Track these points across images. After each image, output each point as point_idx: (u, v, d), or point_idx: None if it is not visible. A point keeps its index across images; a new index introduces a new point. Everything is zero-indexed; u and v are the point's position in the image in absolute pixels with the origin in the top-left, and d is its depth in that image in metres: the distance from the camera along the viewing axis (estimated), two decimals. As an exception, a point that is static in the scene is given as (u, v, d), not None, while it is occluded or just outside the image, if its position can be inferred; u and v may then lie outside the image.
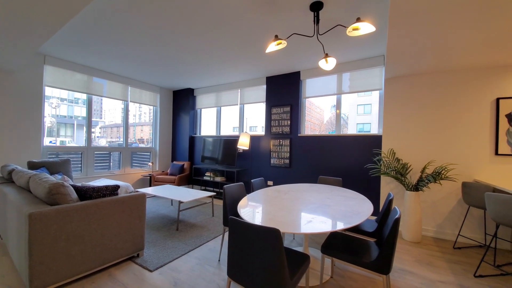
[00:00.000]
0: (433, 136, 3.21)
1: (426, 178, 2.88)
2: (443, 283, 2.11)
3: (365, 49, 3.41)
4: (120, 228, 2.19)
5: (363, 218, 1.64)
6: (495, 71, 2.90)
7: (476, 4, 1.71)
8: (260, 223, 1.51)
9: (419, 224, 2.96)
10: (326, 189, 2.75)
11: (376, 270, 1.48)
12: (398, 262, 2.46)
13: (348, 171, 3.91)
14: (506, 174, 2.84)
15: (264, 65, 4.18)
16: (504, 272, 2.30)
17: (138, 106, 5.94)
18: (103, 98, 5.07)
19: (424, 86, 3.27)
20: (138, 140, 6.24)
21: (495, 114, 2.89)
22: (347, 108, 10.81)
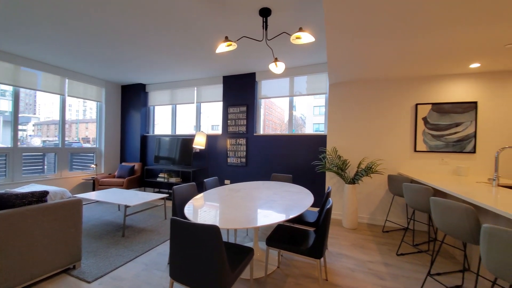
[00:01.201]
0: (367, 136, 3.67)
1: (360, 172, 3.29)
2: (372, 262, 2.45)
3: (312, 56, 3.70)
4: (51, 239, 1.96)
5: (301, 210, 1.80)
6: (414, 81, 3.47)
7: (395, 26, 2.04)
8: (205, 222, 1.53)
9: (355, 213, 3.37)
10: (276, 185, 2.91)
11: (310, 256, 1.65)
12: (336, 247, 2.76)
13: (299, 168, 4.19)
14: (422, 167, 3.43)
15: (219, 65, 4.18)
16: (420, 250, 2.78)
17: (82, 101, 5.30)
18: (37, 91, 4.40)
19: (360, 92, 3.71)
20: (82, 140, 5.56)
21: (414, 117, 3.46)
22: (305, 109, 11.52)
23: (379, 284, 2.06)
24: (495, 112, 3.13)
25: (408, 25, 2.03)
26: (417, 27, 2.07)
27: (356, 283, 2.07)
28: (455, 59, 2.77)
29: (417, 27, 2.07)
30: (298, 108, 4.73)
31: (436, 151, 3.32)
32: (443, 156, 3.31)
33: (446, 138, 3.27)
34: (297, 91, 4.32)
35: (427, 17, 1.91)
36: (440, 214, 1.72)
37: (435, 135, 3.31)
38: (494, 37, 2.20)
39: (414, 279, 2.15)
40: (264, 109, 5.35)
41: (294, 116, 4.58)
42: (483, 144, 3.17)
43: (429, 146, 3.34)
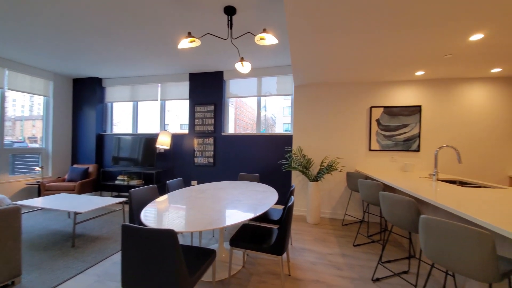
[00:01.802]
0: (329, 135, 3.89)
1: (322, 170, 3.48)
2: (331, 254, 2.61)
3: (281, 58, 3.78)
4: (-24, 255, 1.67)
5: (265, 209, 1.83)
6: (369, 86, 3.77)
7: (352, 35, 2.18)
8: (164, 226, 1.46)
9: (318, 208, 3.55)
10: (242, 185, 2.92)
11: (272, 253, 1.69)
12: (300, 243, 2.87)
13: (266, 167, 4.26)
14: (376, 164, 3.75)
15: (185, 61, 4.02)
16: (373, 240, 3.03)
17: (29, 95, 4.63)
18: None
19: (323, 94, 3.92)
20: (28, 139, 4.86)
21: (369, 119, 3.76)
22: (275, 109, 11.77)
23: (337, 275, 2.19)
24: (436, 115, 3.57)
25: (363, 34, 2.20)
26: (371, 37, 2.25)
27: (316, 275, 2.17)
28: (403, 67, 3.09)
29: (371, 38, 2.26)
30: (268, 108, 4.80)
31: (387, 150, 3.67)
32: (393, 154, 3.68)
33: (395, 138, 3.64)
34: (267, 92, 4.38)
35: (378, 28, 2.09)
36: (387, 206, 1.90)
37: (386, 135, 3.66)
38: (435, 48, 2.51)
39: (367, 267, 2.34)
40: (236, 109, 5.31)
41: (265, 116, 4.65)
42: (426, 143, 3.60)
43: (381, 145, 3.68)
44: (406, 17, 1.92)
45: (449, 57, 2.70)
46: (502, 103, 3.39)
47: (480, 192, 1.90)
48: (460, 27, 2.05)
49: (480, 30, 2.09)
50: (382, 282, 2.09)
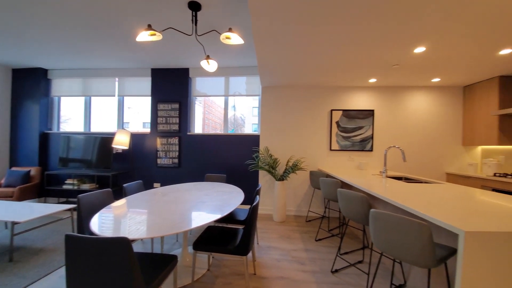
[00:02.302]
0: (294, 136, 4.05)
1: (288, 169, 3.60)
2: (295, 250, 2.71)
3: (248, 58, 3.80)
4: None
5: (230, 209, 1.82)
6: (330, 90, 4.02)
7: (313, 42, 2.29)
8: (122, 234, 1.34)
9: (284, 207, 3.66)
10: (208, 186, 2.85)
11: (237, 254, 1.68)
12: (266, 241, 2.93)
13: (234, 168, 4.24)
14: (336, 163, 4.02)
15: (147, 55, 3.77)
16: (333, 234, 3.24)
17: None
18: None
19: (288, 96, 4.06)
20: None
21: (330, 121, 4.01)
22: (245, 110, 11.80)
23: (300, 269, 2.29)
24: (386, 118, 3.97)
25: (323, 43, 2.33)
26: (330, 46, 2.39)
27: (281, 272, 2.24)
28: (358, 74, 3.36)
29: (330, 47, 2.40)
30: (238, 108, 4.78)
31: (345, 150, 3.96)
32: (350, 154, 3.98)
33: (352, 139, 3.95)
34: (236, 91, 4.35)
35: (337, 38, 2.23)
36: (344, 202, 2.05)
37: (345, 136, 3.95)
38: (385, 59, 2.78)
39: (327, 260, 2.49)
40: (204, 108, 5.17)
41: (234, 116, 4.61)
42: (378, 144, 3.98)
43: (340, 146, 3.96)
44: (358, 31, 2.09)
45: (396, 67, 3.03)
46: (441, 108, 3.93)
47: (421, 187, 2.16)
48: (405, 41, 2.31)
49: (422, 44, 2.38)
50: (340, 273, 2.25)
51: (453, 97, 3.91)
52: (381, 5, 1.76)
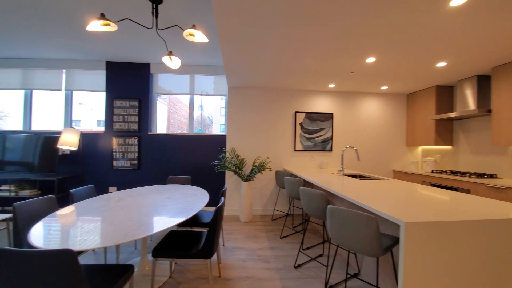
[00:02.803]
0: (260, 137, 4.11)
1: (254, 170, 3.64)
2: (261, 249, 2.75)
3: (216, 57, 3.73)
4: None
5: (193, 212, 1.76)
6: (294, 93, 4.19)
7: (277, 46, 2.36)
8: (66, 245, 1.19)
9: (250, 206, 3.69)
10: (171, 189, 2.72)
11: (200, 257, 1.64)
12: (232, 242, 2.91)
13: (200, 169, 4.12)
14: (300, 163, 4.20)
15: (101, 47, 3.44)
16: (296, 231, 3.37)
17: None
18: None
19: (255, 97, 4.11)
20: None
21: (294, 122, 4.18)
22: (212, 109, 11.57)
23: (265, 268, 2.33)
24: (344, 121, 4.29)
25: (286, 46, 2.42)
26: (292, 49, 2.49)
27: (246, 272, 2.24)
28: (320, 79, 3.57)
29: (292, 50, 2.50)
30: (205, 108, 4.64)
31: (308, 150, 4.17)
32: (313, 154, 4.21)
33: (314, 140, 4.18)
34: (203, 91, 4.23)
35: (298, 43, 2.34)
36: (305, 200, 2.15)
37: (308, 137, 4.16)
38: (341, 66, 3.00)
39: (291, 256, 2.58)
40: (169, 106, 4.90)
41: (201, 115, 4.48)
42: (336, 145, 4.28)
43: (304, 146, 4.16)
44: (318, 39, 2.22)
45: (352, 74, 3.30)
46: (388, 113, 4.39)
47: (372, 184, 2.39)
48: (359, 51, 2.53)
49: (373, 55, 2.64)
50: (302, 267, 2.35)
51: (399, 103, 4.41)
52: (336, 20, 1.89)
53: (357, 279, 2.16)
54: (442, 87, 3.81)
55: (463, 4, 1.68)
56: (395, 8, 1.76)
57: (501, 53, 2.51)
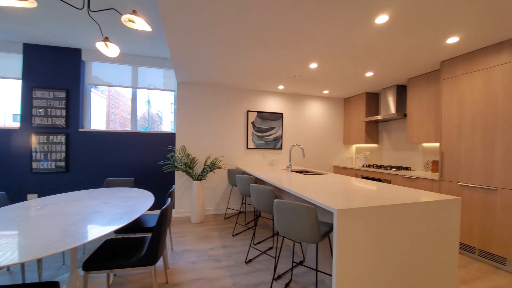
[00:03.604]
0: (212, 135, 4.04)
1: (206, 169, 3.56)
2: (212, 249, 2.71)
3: (163, 49, 3.47)
4: None
5: (134, 217, 1.61)
6: (247, 92, 4.26)
7: (228, 44, 2.35)
8: None
9: (202, 207, 3.59)
10: (109, 193, 2.43)
11: (143, 265, 1.52)
12: (182, 245, 2.78)
13: (145, 170, 3.80)
14: (252, 161, 4.29)
15: (16, 25, 2.81)
16: (248, 227, 3.44)
17: None
18: None
19: (207, 94, 4.01)
20: None
21: (246, 121, 4.25)
22: (162, 106, 10.73)
23: (216, 267, 2.31)
24: (292, 121, 4.58)
25: (235, 46, 2.44)
26: (239, 52, 2.53)
27: (196, 274, 2.18)
28: (270, 80, 3.72)
29: (241, 50, 2.54)
30: (154, 103, 4.25)
31: (260, 148, 4.31)
32: (264, 152, 4.37)
33: (266, 138, 4.34)
34: (150, 84, 3.89)
35: (246, 46, 2.38)
36: (255, 196, 2.22)
37: (259, 135, 4.29)
38: (289, 70, 3.19)
39: (243, 252, 2.63)
40: (109, 100, 4.34)
41: (149, 111, 4.10)
42: (286, 143, 4.53)
43: (256, 144, 4.27)
44: (266, 39, 2.32)
45: (298, 77, 3.54)
46: (329, 115, 4.88)
47: (315, 178, 2.62)
48: (303, 56, 2.73)
49: (315, 61, 2.88)
50: (253, 262, 2.42)
51: (337, 106, 4.96)
52: (280, 25, 2.00)
53: (302, 266, 2.34)
54: (371, 93, 4.45)
55: (386, 22, 1.99)
56: (330, 22, 1.96)
57: (414, 67, 3.07)
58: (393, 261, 1.45)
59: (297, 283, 2.06)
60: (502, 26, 2.02)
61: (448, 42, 2.33)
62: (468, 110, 2.56)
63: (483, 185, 2.41)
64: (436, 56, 2.69)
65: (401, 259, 1.47)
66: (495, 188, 2.31)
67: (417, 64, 2.94)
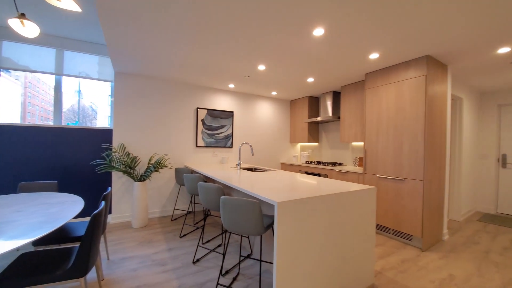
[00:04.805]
0: (157, 132, 3.78)
1: (150, 168, 3.32)
2: (157, 253, 2.56)
3: (95, 32, 3.06)
4: None
5: (56, 225, 1.40)
6: (196, 89, 4.14)
7: (169, 35, 2.24)
8: None
9: (145, 210, 3.34)
10: (25, 199, 2.03)
11: (71, 278, 1.34)
12: (120, 253, 2.54)
13: (73, 171, 3.29)
14: (202, 159, 4.20)
15: None
16: (197, 227, 3.36)
17: None
18: None
19: (151, 88, 3.73)
20: None
21: (196, 119, 4.13)
22: (97, 98, 9.30)
23: (161, 271, 2.20)
24: (242, 119, 4.67)
25: (180, 38, 2.36)
26: (192, 40, 2.46)
27: (138, 281, 2.03)
28: (221, 78, 3.71)
29: (192, 41, 2.47)
30: (87, 95, 3.66)
31: (210, 146, 4.26)
32: (214, 150, 4.33)
33: (216, 136, 4.31)
34: (81, 72, 3.36)
35: (192, 40, 2.34)
36: (203, 194, 2.20)
37: (209, 133, 4.24)
38: (238, 69, 3.25)
39: (190, 253, 2.57)
40: (25, 88, 3.58)
41: (79, 104, 3.53)
42: (237, 141, 4.60)
43: (206, 143, 4.20)
44: (212, 39, 2.32)
45: (247, 78, 3.65)
46: (277, 115, 5.17)
47: (263, 175, 2.75)
48: (251, 57, 2.83)
49: (263, 63, 3.02)
50: (201, 261, 2.39)
51: (284, 107, 5.30)
52: (230, 24, 2.04)
53: (250, 259, 2.44)
54: (312, 97, 4.91)
55: (322, 35, 2.24)
56: (275, 30, 2.10)
57: (346, 76, 3.53)
58: (326, 244, 1.67)
59: (244, 276, 2.14)
60: (409, 49, 2.53)
61: (370, 58, 2.78)
62: (384, 115, 3.11)
63: (394, 176, 2.97)
64: (362, 68, 3.16)
65: (332, 241, 1.71)
66: (403, 179, 2.87)
67: (348, 74, 3.39)
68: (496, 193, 4.21)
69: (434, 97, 2.78)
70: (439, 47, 2.45)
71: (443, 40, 2.30)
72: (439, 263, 2.43)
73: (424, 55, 2.68)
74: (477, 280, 2.14)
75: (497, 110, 4.23)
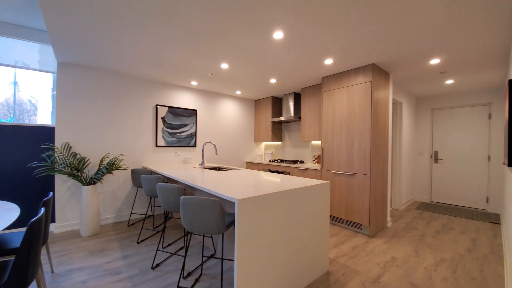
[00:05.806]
0: (109, 130, 3.47)
1: (101, 170, 3.04)
2: (110, 262, 2.36)
3: (34, 17, 2.66)
4: None
5: (-18, 237, 1.20)
6: (156, 84, 3.91)
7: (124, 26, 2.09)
8: None
9: (96, 216, 3.04)
10: None
11: (0, 298, 1.16)
12: (67, 265, 2.28)
13: (5, 174, 2.82)
14: (162, 159, 4.00)
15: None
16: (158, 231, 3.19)
17: None
18: None
19: (102, 81, 3.40)
20: None
21: (155, 116, 3.91)
22: (38, 90, 7.98)
23: (115, 280, 2.04)
24: (206, 118, 4.59)
25: (135, 28, 2.22)
26: (149, 31, 2.33)
27: (87, 294, 1.86)
28: (181, 75, 3.58)
29: (149, 32, 2.34)
30: (24, 87, 3.13)
31: (172, 146, 4.08)
32: (177, 149, 4.17)
33: (178, 135, 4.15)
34: (18, 61, 2.88)
35: (154, 29, 2.23)
36: (162, 195, 2.12)
37: (171, 132, 4.06)
38: (201, 66, 3.18)
39: (149, 258, 2.43)
40: None
41: (15, 97, 3.01)
42: (200, 140, 4.50)
43: (167, 142, 4.01)
44: (171, 32, 2.25)
45: (210, 75, 3.60)
46: (242, 114, 5.21)
47: (227, 174, 2.76)
48: (213, 55, 2.81)
49: (226, 62, 3.02)
50: (161, 266, 2.29)
51: (249, 106, 5.37)
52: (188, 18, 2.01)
53: (213, 259, 2.43)
54: (276, 98, 5.08)
55: (282, 38, 2.34)
56: (237, 30, 2.13)
57: (305, 79, 3.74)
58: (284, 237, 1.76)
59: (207, 276, 2.13)
60: (357, 57, 2.81)
61: (326, 63, 3.00)
62: (338, 116, 3.40)
63: (347, 172, 3.27)
64: (319, 73, 3.40)
65: (290, 234, 1.81)
66: (354, 174, 3.18)
67: (307, 77, 3.61)
68: (430, 185, 4.95)
69: (378, 101, 3.14)
70: (382, 56, 2.78)
71: (385, 51, 2.62)
72: (383, 247, 2.76)
73: (370, 63, 3.01)
74: (414, 260, 2.50)
75: (431, 113, 4.97)
